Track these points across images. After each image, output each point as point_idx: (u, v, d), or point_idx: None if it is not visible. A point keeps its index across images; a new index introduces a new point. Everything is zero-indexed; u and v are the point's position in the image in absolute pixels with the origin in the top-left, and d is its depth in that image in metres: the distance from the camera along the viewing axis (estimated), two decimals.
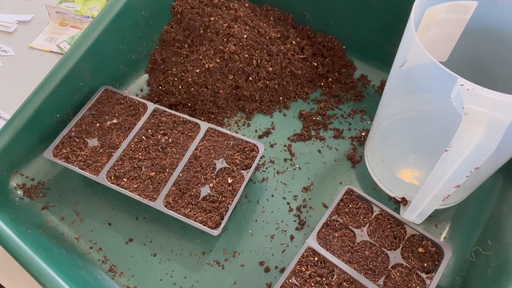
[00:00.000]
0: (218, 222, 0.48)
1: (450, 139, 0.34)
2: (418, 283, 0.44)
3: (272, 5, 0.68)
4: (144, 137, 0.54)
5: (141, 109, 0.57)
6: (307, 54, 0.64)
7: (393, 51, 0.44)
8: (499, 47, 0.47)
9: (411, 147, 0.47)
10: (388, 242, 0.47)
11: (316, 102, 0.63)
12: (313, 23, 0.67)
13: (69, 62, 0.55)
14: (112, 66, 0.61)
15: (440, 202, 0.41)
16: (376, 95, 0.63)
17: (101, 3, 0.80)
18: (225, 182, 0.51)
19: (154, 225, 0.52)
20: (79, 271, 0.47)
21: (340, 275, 0.45)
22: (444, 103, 0.35)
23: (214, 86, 0.60)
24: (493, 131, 0.32)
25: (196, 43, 0.63)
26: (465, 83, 0.32)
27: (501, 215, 0.49)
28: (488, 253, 0.45)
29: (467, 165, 0.35)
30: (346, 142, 0.59)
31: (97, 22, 0.56)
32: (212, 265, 0.49)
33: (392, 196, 0.53)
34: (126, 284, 0.48)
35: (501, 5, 0.44)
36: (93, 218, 0.53)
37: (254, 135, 0.60)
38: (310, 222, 0.52)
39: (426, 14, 0.43)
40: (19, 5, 0.81)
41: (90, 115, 0.56)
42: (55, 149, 0.53)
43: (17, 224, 0.47)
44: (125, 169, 0.52)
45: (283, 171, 0.56)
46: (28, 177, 0.55)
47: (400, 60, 0.41)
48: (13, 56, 0.73)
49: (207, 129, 0.55)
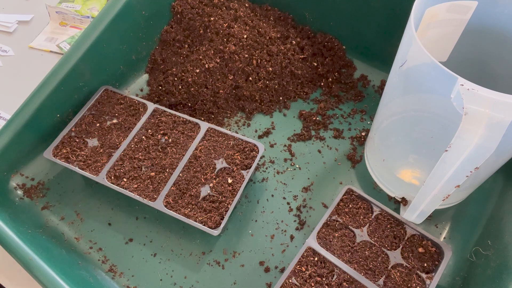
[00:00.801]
0: (218, 222, 0.48)
1: (450, 139, 0.34)
2: (418, 283, 0.45)
3: (272, 5, 0.68)
4: (144, 137, 0.54)
5: (141, 109, 0.57)
6: (307, 54, 0.64)
7: (393, 51, 0.44)
8: (499, 47, 0.47)
9: (411, 147, 0.47)
10: (388, 242, 0.47)
11: (316, 102, 0.63)
12: (313, 23, 0.67)
13: (69, 62, 0.55)
14: (112, 66, 0.61)
15: (440, 202, 0.41)
16: (376, 95, 0.63)
17: (101, 3, 0.80)
18: (225, 182, 0.51)
19: (154, 225, 0.52)
20: (79, 271, 0.47)
21: (340, 275, 0.45)
22: (444, 103, 0.35)
23: (214, 86, 0.60)
24: (493, 131, 0.32)
25: (196, 43, 0.63)
26: (465, 83, 0.32)
27: (501, 215, 0.49)
28: (488, 253, 0.45)
29: (467, 165, 0.35)
30: (346, 142, 0.59)
31: (97, 22, 0.56)
32: (212, 265, 0.49)
33: (392, 196, 0.53)
34: (126, 284, 0.48)
35: (501, 5, 0.44)
36: (93, 218, 0.53)
37: (254, 135, 0.60)
38: (310, 222, 0.52)
39: (426, 14, 0.43)
40: (19, 5, 0.81)
41: (90, 115, 0.56)
42: (55, 149, 0.53)
43: (17, 224, 0.47)
44: (125, 169, 0.52)
45: (283, 171, 0.56)
46: (28, 177, 0.55)
47: (400, 60, 0.41)
48: (13, 56, 0.73)
49: (207, 129, 0.55)
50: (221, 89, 0.60)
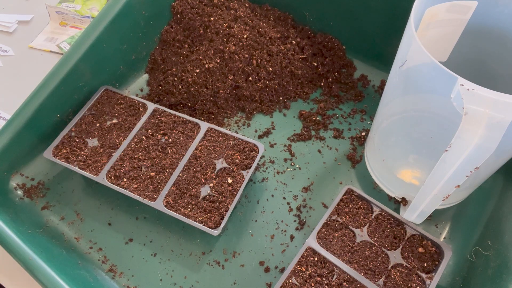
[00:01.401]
0: (218, 222, 0.48)
1: (450, 139, 0.34)
2: (418, 283, 0.44)
3: (272, 5, 0.68)
4: (144, 137, 0.54)
5: (141, 109, 0.57)
6: (307, 54, 0.64)
7: (393, 51, 0.44)
8: (499, 47, 0.47)
9: (411, 147, 0.47)
10: (388, 242, 0.47)
11: (316, 102, 0.63)
12: (313, 23, 0.67)
13: (69, 62, 0.55)
14: (112, 66, 0.61)
15: (440, 202, 0.41)
16: (376, 95, 0.63)
17: (101, 3, 0.80)
18: (225, 182, 0.51)
19: (154, 225, 0.52)
20: (79, 271, 0.47)
21: (340, 275, 0.45)
22: (444, 103, 0.35)
23: (214, 86, 0.60)
24: (493, 131, 0.32)
25: (196, 43, 0.63)
26: (465, 83, 0.32)
27: (501, 215, 0.49)
28: (488, 253, 0.45)
29: (467, 165, 0.35)
30: (346, 142, 0.59)
31: (97, 22, 0.56)
32: (212, 265, 0.49)
33: (392, 196, 0.53)
34: (126, 284, 0.48)
35: (501, 5, 0.44)
36: (93, 218, 0.53)
37: (254, 135, 0.60)
38: (310, 222, 0.52)
39: (426, 14, 0.43)
40: (19, 5, 0.81)
41: (90, 115, 0.56)
42: (55, 149, 0.53)
43: (17, 224, 0.47)
44: (125, 169, 0.52)
45: (283, 171, 0.56)
46: (28, 177, 0.55)
47: (400, 60, 0.41)
48: (13, 56, 0.73)
49: (207, 129, 0.55)
50: (221, 89, 0.60)
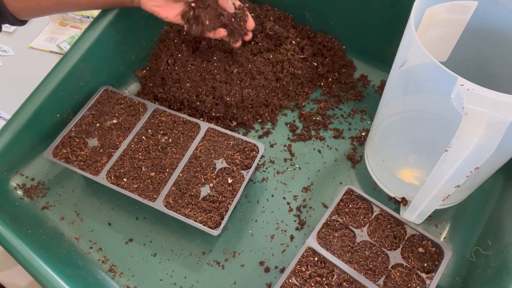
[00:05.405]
0: (218, 222, 0.48)
1: (450, 139, 0.34)
2: (418, 283, 0.44)
3: (272, 5, 0.68)
4: (144, 137, 0.54)
5: (141, 109, 0.57)
6: (307, 54, 0.64)
7: (393, 51, 0.44)
8: (499, 47, 0.47)
9: (411, 147, 0.47)
10: (388, 242, 0.47)
11: (316, 102, 0.63)
12: (313, 23, 0.67)
13: (69, 62, 0.55)
14: (112, 66, 0.61)
15: (440, 202, 0.42)
16: (376, 95, 0.63)
17: None
18: (225, 182, 0.50)
19: (154, 225, 0.52)
20: (79, 271, 0.47)
21: (340, 275, 0.45)
22: (444, 103, 0.35)
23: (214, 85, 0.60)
24: (493, 131, 0.32)
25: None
26: (465, 83, 0.32)
27: (501, 215, 0.49)
28: (488, 253, 0.45)
29: (467, 165, 0.35)
30: (346, 142, 0.59)
31: (97, 22, 0.56)
32: (212, 265, 0.49)
33: (392, 196, 0.53)
34: (126, 284, 0.48)
35: (501, 5, 0.44)
36: (93, 218, 0.53)
37: (254, 135, 0.60)
38: (310, 222, 0.52)
39: (426, 14, 0.43)
40: None
41: (90, 115, 0.56)
42: (55, 149, 0.53)
43: (17, 224, 0.47)
44: (125, 169, 0.52)
45: (283, 171, 0.56)
46: (28, 177, 0.55)
47: (400, 60, 0.41)
48: (13, 56, 0.73)
49: (207, 129, 0.55)
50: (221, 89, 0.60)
